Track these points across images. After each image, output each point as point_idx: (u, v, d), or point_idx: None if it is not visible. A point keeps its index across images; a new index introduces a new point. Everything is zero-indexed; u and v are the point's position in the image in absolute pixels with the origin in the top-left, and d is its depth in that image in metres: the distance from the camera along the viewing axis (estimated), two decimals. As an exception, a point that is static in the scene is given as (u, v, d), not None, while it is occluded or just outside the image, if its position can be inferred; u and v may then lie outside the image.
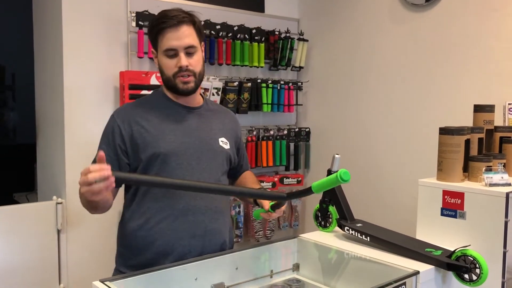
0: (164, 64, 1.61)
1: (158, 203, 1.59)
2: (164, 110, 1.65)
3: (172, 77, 1.60)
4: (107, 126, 1.65)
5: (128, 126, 1.60)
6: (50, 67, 2.93)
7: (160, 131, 1.60)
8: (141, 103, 1.69)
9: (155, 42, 1.62)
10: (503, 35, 2.63)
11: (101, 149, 1.58)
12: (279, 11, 3.67)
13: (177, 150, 1.60)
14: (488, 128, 2.04)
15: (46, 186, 3.08)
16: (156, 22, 1.59)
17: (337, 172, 1.29)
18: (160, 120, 1.62)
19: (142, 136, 1.59)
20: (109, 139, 1.61)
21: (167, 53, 1.58)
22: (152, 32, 1.61)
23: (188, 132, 1.64)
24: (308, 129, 3.71)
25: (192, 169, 1.61)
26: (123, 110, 1.66)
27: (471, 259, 1.46)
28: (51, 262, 2.71)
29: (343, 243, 1.70)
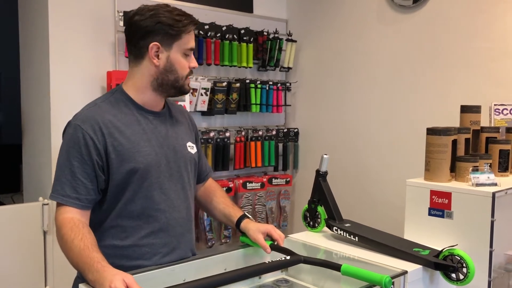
0: (180, 63, 1.49)
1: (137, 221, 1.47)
2: (131, 116, 1.49)
3: (181, 79, 1.51)
4: (74, 138, 1.41)
5: (102, 137, 1.41)
6: (36, 66, 2.89)
7: (135, 143, 1.45)
8: (105, 108, 1.48)
9: (172, 40, 1.47)
10: (490, 37, 2.66)
11: (72, 167, 1.39)
12: (267, 11, 3.67)
13: (153, 163, 1.48)
14: (475, 128, 2.06)
15: (32, 187, 3.04)
16: (176, 20, 1.46)
17: (384, 279, 1.26)
18: (132, 130, 1.47)
19: (116, 150, 1.42)
20: (83, 153, 1.40)
21: (187, 52, 1.50)
22: (172, 29, 1.46)
23: (160, 141, 1.52)
24: (297, 129, 3.71)
25: (168, 181, 1.52)
26: (89, 118, 1.43)
27: (458, 259, 1.47)
28: (37, 263, 2.68)
29: (332, 243, 1.70)
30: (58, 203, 1.40)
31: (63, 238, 1.34)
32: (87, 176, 1.40)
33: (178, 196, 1.55)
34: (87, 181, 1.40)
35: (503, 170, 2.01)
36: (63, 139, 1.46)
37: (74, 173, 1.39)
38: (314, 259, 1.49)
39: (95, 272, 1.23)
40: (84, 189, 1.40)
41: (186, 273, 1.44)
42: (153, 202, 1.49)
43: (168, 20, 1.46)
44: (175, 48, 1.48)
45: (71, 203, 1.38)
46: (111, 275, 1.19)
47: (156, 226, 1.49)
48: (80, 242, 1.31)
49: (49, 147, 2.74)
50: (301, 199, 3.72)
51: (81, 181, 1.39)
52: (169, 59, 1.48)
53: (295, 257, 1.46)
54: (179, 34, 1.47)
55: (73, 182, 1.39)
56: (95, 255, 1.28)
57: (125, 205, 1.46)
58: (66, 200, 1.38)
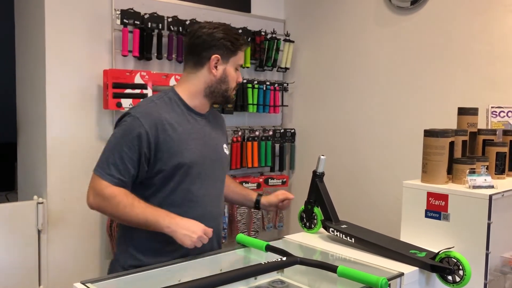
0: (232, 76, 1.73)
1: (177, 209, 1.61)
2: (182, 116, 1.69)
3: (231, 90, 1.75)
4: (129, 127, 1.59)
5: (156, 132, 1.59)
6: (32, 64, 2.87)
7: (183, 141, 1.64)
8: (162, 107, 1.66)
9: (230, 54, 1.70)
10: (487, 39, 2.66)
11: (122, 152, 1.57)
12: (265, 11, 3.66)
13: (198, 160, 1.66)
14: (472, 131, 2.06)
15: (27, 186, 3.02)
16: (235, 38, 1.71)
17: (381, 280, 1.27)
18: (182, 128, 1.66)
19: (168, 146, 1.61)
20: (134, 143, 1.57)
21: (238, 67, 1.75)
22: (232, 46, 1.69)
23: (204, 141, 1.72)
24: (294, 130, 3.71)
25: (208, 178, 1.71)
26: (148, 114, 1.62)
27: (454, 261, 1.47)
28: (31, 263, 2.66)
29: (328, 245, 1.70)
30: (101, 179, 1.58)
31: (121, 204, 1.54)
32: (132, 163, 1.58)
33: (215, 192, 1.76)
34: (131, 167, 1.58)
35: (500, 172, 2.00)
36: (119, 126, 1.64)
37: (122, 158, 1.57)
38: (310, 260, 1.48)
39: (168, 218, 1.52)
40: (127, 174, 1.58)
41: (182, 273, 1.43)
42: (193, 195, 1.66)
43: (230, 38, 1.70)
44: (231, 62, 1.71)
45: (114, 182, 1.57)
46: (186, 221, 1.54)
47: (192, 216, 1.60)
48: (140, 203, 1.55)
49: (44, 145, 2.72)
50: (298, 200, 3.69)
51: (126, 166, 1.57)
52: (225, 71, 1.71)
53: (291, 258, 1.45)
54: (236, 51, 1.71)
55: (120, 165, 1.57)
56: (159, 210, 1.55)
57: (168, 195, 1.63)
58: (110, 179, 1.57)
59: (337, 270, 1.36)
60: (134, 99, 2.82)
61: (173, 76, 3.01)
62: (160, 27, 2.97)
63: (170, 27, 3.02)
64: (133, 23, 2.86)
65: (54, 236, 2.75)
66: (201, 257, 1.55)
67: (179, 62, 3.11)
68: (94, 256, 2.92)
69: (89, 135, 2.87)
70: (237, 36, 1.71)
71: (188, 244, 1.50)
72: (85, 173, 2.84)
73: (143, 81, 2.87)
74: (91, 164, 2.98)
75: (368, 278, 1.30)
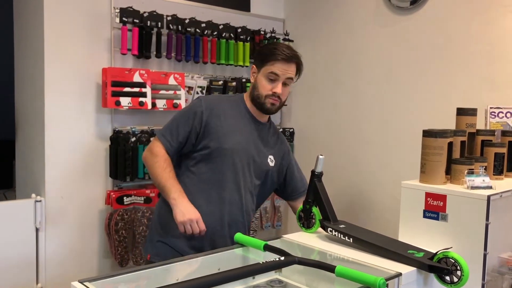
0: (262, 84, 1.92)
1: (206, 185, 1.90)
2: (239, 114, 1.96)
3: (264, 97, 1.91)
4: (192, 105, 1.93)
5: (210, 114, 1.88)
6: (31, 62, 2.87)
7: (231, 130, 1.90)
8: (226, 101, 1.99)
9: (262, 63, 1.92)
10: (487, 39, 2.66)
11: (179, 122, 1.89)
12: (264, 10, 3.66)
13: (238, 150, 1.90)
14: (470, 131, 2.06)
15: (25, 184, 3.02)
16: (271, 50, 1.91)
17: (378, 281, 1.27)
18: (234, 121, 1.93)
19: (216, 128, 1.88)
20: (189, 117, 1.89)
21: (269, 75, 1.89)
22: (265, 55, 1.92)
23: (250, 139, 1.95)
24: (292, 129, 3.71)
25: (242, 171, 1.92)
26: (211, 100, 1.97)
27: (452, 261, 1.47)
28: (29, 261, 2.66)
29: (326, 244, 1.70)
30: (157, 138, 1.92)
31: (157, 163, 1.87)
32: (183, 133, 1.89)
33: (246, 185, 1.94)
34: (181, 136, 1.89)
35: (498, 173, 2.00)
36: (189, 104, 2.05)
37: (177, 126, 1.90)
38: (308, 260, 1.48)
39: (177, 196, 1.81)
40: (176, 140, 1.89)
41: (180, 272, 1.43)
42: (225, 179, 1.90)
43: (264, 50, 1.96)
44: (262, 71, 1.92)
45: (164, 142, 1.89)
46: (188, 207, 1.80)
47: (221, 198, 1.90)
48: (170, 172, 1.87)
49: (42, 143, 2.72)
50: (296, 199, 3.71)
51: (178, 133, 1.89)
52: (257, 79, 1.94)
53: (289, 258, 1.45)
54: (266, 62, 1.91)
55: (173, 131, 1.90)
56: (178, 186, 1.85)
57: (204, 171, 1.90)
58: (163, 140, 1.89)
59: (335, 270, 1.36)
60: (133, 97, 2.82)
61: (172, 74, 3.00)
62: (159, 25, 2.96)
63: (169, 26, 3.02)
64: (132, 22, 2.86)
65: (52, 234, 2.74)
66: (199, 257, 1.54)
67: (178, 61, 3.11)
68: (92, 254, 2.92)
69: (87, 133, 2.86)
70: (275, 50, 1.90)
71: (178, 220, 1.77)
72: (84, 171, 2.86)
73: (142, 79, 2.86)
74: (90, 162, 2.99)
75: (366, 278, 1.30)
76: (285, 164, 2.10)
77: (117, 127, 2.90)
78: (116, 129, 2.88)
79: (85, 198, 2.86)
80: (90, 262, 2.91)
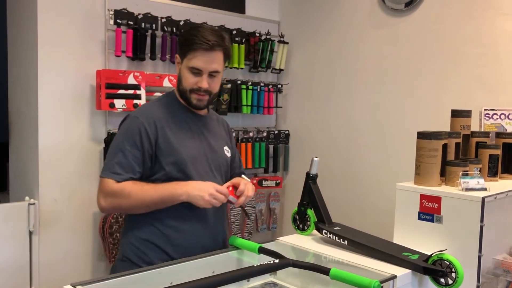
0: (185, 77, 1.68)
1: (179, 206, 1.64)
2: (179, 116, 1.72)
3: (189, 91, 1.68)
4: (130, 126, 1.65)
5: (155, 130, 1.64)
6: (24, 64, 2.85)
7: (181, 138, 1.68)
8: (159, 107, 1.72)
9: (183, 53, 1.68)
10: (480, 41, 2.67)
11: (125, 150, 1.60)
12: (259, 12, 3.66)
13: (196, 157, 1.70)
14: (465, 133, 2.06)
15: (19, 186, 3.00)
16: (190, 38, 1.64)
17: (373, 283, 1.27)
18: (179, 126, 1.70)
19: (166, 142, 1.64)
20: (136, 140, 1.62)
21: (192, 70, 1.65)
22: (184, 45, 1.67)
23: (201, 140, 1.75)
24: (288, 131, 3.71)
25: (207, 176, 1.71)
26: (146, 113, 1.68)
27: (447, 263, 1.46)
28: (22, 264, 2.64)
29: (321, 247, 1.69)
30: (107, 179, 1.60)
31: (132, 192, 1.57)
32: (136, 159, 1.61)
33: None
34: (135, 164, 1.61)
35: (493, 175, 2.01)
36: (121, 128, 1.69)
37: (125, 156, 1.60)
38: (302, 263, 1.47)
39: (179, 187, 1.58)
40: (131, 170, 1.61)
41: (173, 276, 1.42)
42: None
43: (183, 38, 1.68)
44: (185, 63, 1.68)
45: (120, 179, 1.59)
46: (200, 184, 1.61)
47: (195, 213, 1.67)
48: (149, 186, 1.60)
49: (36, 145, 2.70)
50: (291, 201, 3.71)
51: (131, 163, 1.60)
52: (180, 70, 1.70)
53: (283, 261, 1.44)
54: (186, 52, 1.66)
55: (124, 163, 1.60)
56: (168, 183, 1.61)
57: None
58: (117, 177, 1.59)
59: (329, 273, 1.35)
60: (127, 99, 2.81)
61: (167, 76, 2.99)
62: (153, 27, 2.95)
63: (164, 28, 3.01)
64: (126, 24, 2.85)
65: (45, 237, 2.72)
66: (193, 259, 1.54)
67: (173, 63, 3.10)
68: (86, 258, 2.90)
69: (81, 135, 2.85)
70: (192, 36, 1.63)
71: (202, 204, 1.57)
72: (78, 174, 2.85)
73: (136, 81, 2.85)
74: (84, 165, 2.98)
75: (360, 281, 1.29)
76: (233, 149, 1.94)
77: (112, 129, 2.89)
78: (111, 132, 2.87)
79: (79, 200, 2.85)
80: (84, 265, 2.89)
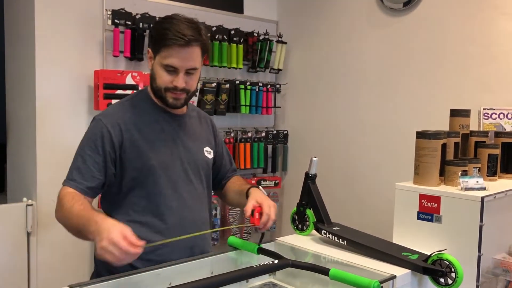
0: (159, 75, 1.51)
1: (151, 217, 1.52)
2: (151, 116, 1.56)
3: (164, 90, 1.52)
4: (93, 130, 1.51)
5: (119, 132, 1.49)
6: (22, 64, 2.84)
7: (151, 141, 1.52)
8: (128, 107, 1.56)
9: (156, 49, 1.50)
10: (479, 41, 2.67)
11: (84, 155, 1.47)
12: (258, 12, 3.65)
13: (167, 162, 1.54)
14: (464, 132, 2.06)
15: (16, 187, 2.99)
16: (162, 32, 1.46)
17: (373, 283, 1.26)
18: (150, 128, 1.54)
19: (133, 146, 1.50)
20: (97, 144, 1.47)
21: (167, 68, 1.49)
22: (157, 40, 1.49)
23: (176, 142, 1.58)
24: (286, 131, 3.70)
25: (183, 182, 1.57)
26: (111, 115, 1.53)
27: (447, 263, 1.46)
28: (20, 265, 2.63)
29: (320, 247, 1.69)
30: (64, 186, 1.46)
31: (64, 207, 1.39)
32: (96, 165, 1.46)
33: (191, 196, 1.60)
34: (95, 169, 1.46)
35: (492, 174, 2.01)
36: (85, 132, 1.55)
37: (85, 161, 1.47)
38: (302, 263, 1.47)
39: (94, 224, 1.27)
40: (91, 177, 1.46)
41: (172, 277, 1.41)
42: (166, 200, 1.53)
43: (156, 32, 1.50)
44: (158, 59, 1.50)
45: (76, 187, 1.44)
46: (109, 225, 1.23)
47: (169, 223, 1.53)
48: (80, 206, 1.37)
49: (34, 146, 2.69)
50: (290, 201, 3.71)
51: (90, 169, 1.46)
52: (153, 67, 1.53)
53: (283, 261, 1.44)
54: (159, 47, 1.48)
55: (83, 169, 1.46)
56: (95, 212, 1.34)
57: (138, 201, 1.52)
58: (72, 184, 1.45)
59: (329, 273, 1.35)
60: (125, 100, 2.80)
61: (165, 77, 2.98)
62: (151, 27, 2.94)
63: (162, 28, 3.00)
64: (124, 24, 2.84)
65: (43, 238, 2.71)
66: (192, 260, 1.53)
67: (171, 63, 3.09)
68: (84, 259, 2.89)
69: (79, 136, 2.79)
70: (165, 30, 1.46)
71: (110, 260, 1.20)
72: (76, 174, 2.83)
73: (134, 81, 2.85)
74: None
75: (360, 281, 1.29)
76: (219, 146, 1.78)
77: (110, 129, 2.88)
78: (109, 132, 2.86)
79: (77, 201, 2.83)
80: (82, 266, 2.88)
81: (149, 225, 1.52)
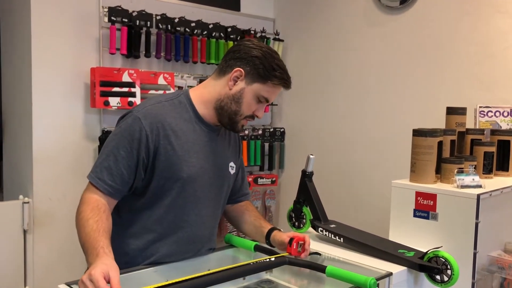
0: (248, 102, 1.51)
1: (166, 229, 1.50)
2: (189, 124, 1.51)
3: (241, 115, 1.52)
4: (130, 128, 1.42)
5: (157, 137, 1.43)
6: (18, 62, 2.83)
7: (185, 152, 1.48)
8: (168, 109, 1.49)
9: (257, 78, 1.49)
10: (475, 39, 2.67)
11: (118, 155, 1.41)
12: (254, 10, 3.65)
13: (196, 176, 1.50)
14: (460, 130, 2.06)
15: (13, 185, 2.98)
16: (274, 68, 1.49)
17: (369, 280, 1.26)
18: (186, 137, 1.49)
19: (167, 155, 1.44)
20: (132, 147, 1.41)
21: (260, 98, 1.52)
22: (265, 72, 1.49)
23: (207, 155, 1.54)
24: (283, 129, 3.70)
25: (205, 197, 1.55)
26: (152, 115, 1.45)
27: (442, 260, 1.47)
28: (17, 263, 2.63)
29: (317, 244, 1.69)
30: (91, 183, 1.42)
31: (81, 215, 1.37)
32: (128, 168, 1.42)
33: (208, 212, 1.58)
34: (126, 173, 1.41)
35: (488, 172, 2.02)
36: (119, 126, 1.46)
37: (118, 162, 1.41)
38: (298, 260, 1.47)
39: (95, 256, 1.25)
40: (121, 180, 1.41)
41: (169, 273, 1.42)
42: (184, 213, 1.51)
43: (266, 63, 1.49)
44: (254, 87, 1.50)
45: (103, 188, 1.40)
46: (100, 263, 1.19)
47: (180, 236, 1.51)
48: (94, 223, 1.33)
49: (30, 144, 2.68)
50: (287, 199, 3.71)
51: (121, 171, 1.41)
52: (243, 91, 1.50)
53: (279, 258, 1.44)
54: (266, 79, 1.49)
55: (114, 170, 1.41)
56: (103, 239, 1.29)
57: (157, 208, 1.48)
58: (100, 184, 1.40)
59: (325, 270, 1.36)
60: (122, 97, 2.79)
61: (162, 74, 2.98)
62: (148, 25, 2.94)
63: (159, 25, 3.00)
64: (121, 21, 2.83)
65: (40, 236, 2.71)
66: (189, 258, 1.53)
67: (168, 61, 3.09)
68: (81, 257, 2.87)
69: (76, 134, 2.83)
70: (276, 67, 1.49)
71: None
72: (72, 172, 2.83)
73: (131, 79, 2.84)
74: (78, 163, 2.96)
75: (356, 278, 1.29)
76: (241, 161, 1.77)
77: (106, 127, 2.87)
78: (105, 130, 2.85)
79: (73, 199, 2.80)
80: (79, 264, 2.87)
81: (159, 234, 1.50)
